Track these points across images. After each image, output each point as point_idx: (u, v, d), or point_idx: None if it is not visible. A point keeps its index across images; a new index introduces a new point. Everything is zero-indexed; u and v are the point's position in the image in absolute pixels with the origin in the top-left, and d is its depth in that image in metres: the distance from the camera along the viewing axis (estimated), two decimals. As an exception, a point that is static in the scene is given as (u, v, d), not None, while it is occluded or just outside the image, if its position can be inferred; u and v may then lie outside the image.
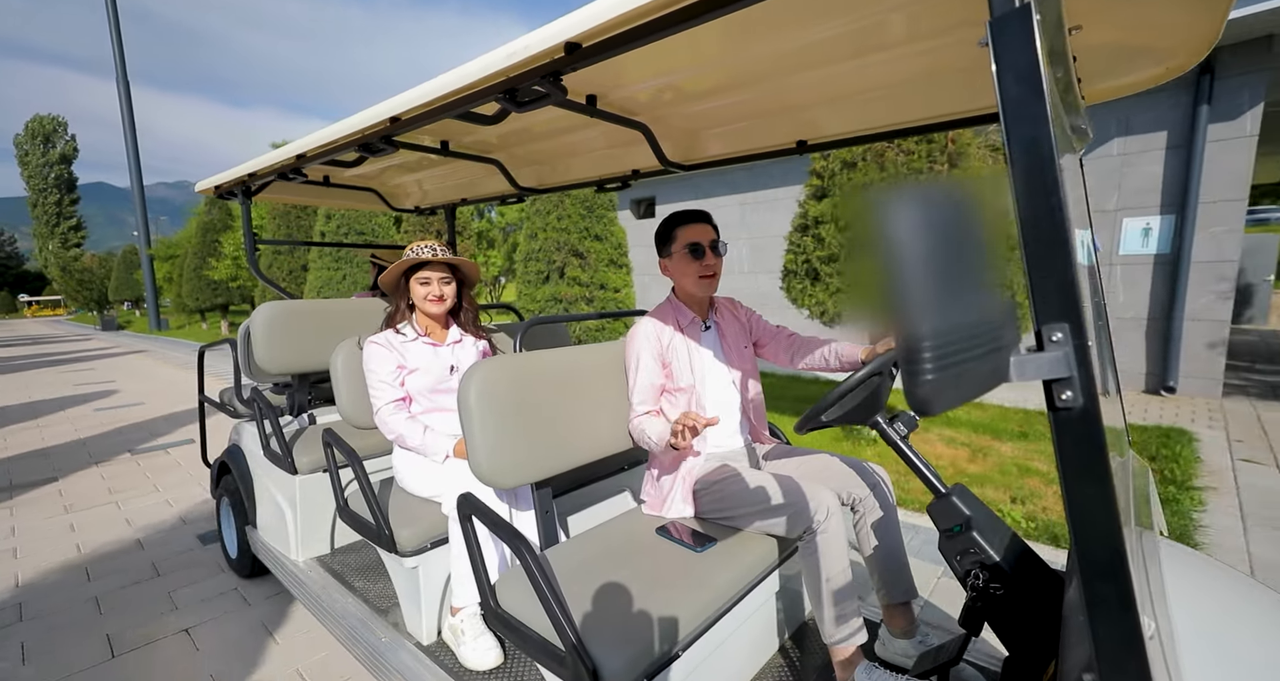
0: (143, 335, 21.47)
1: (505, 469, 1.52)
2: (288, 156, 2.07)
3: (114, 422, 6.20)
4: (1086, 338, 0.56)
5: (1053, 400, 0.58)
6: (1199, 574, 0.96)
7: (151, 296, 23.72)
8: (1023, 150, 0.58)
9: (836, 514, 1.45)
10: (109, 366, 11.66)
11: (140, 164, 23.53)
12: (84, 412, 6.80)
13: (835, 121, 1.78)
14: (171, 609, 2.52)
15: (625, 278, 7.77)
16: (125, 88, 23.49)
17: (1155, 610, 0.77)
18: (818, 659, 1.68)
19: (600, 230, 7.53)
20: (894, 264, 0.51)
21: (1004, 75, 0.59)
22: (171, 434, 5.61)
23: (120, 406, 7.11)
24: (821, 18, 1.16)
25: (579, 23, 1.02)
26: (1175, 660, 0.68)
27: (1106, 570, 0.57)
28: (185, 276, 19.20)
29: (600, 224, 7.54)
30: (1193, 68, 1.34)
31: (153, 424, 6.07)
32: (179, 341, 17.35)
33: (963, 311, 0.54)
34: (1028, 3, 0.57)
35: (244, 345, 2.72)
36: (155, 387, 8.56)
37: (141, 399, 7.57)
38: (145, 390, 8.33)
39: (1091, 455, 0.57)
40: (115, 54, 22.98)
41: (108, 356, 13.71)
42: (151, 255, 23.18)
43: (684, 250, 1.76)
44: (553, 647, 1.20)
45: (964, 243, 0.56)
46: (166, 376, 9.87)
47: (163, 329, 23.14)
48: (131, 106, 23.79)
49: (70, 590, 2.73)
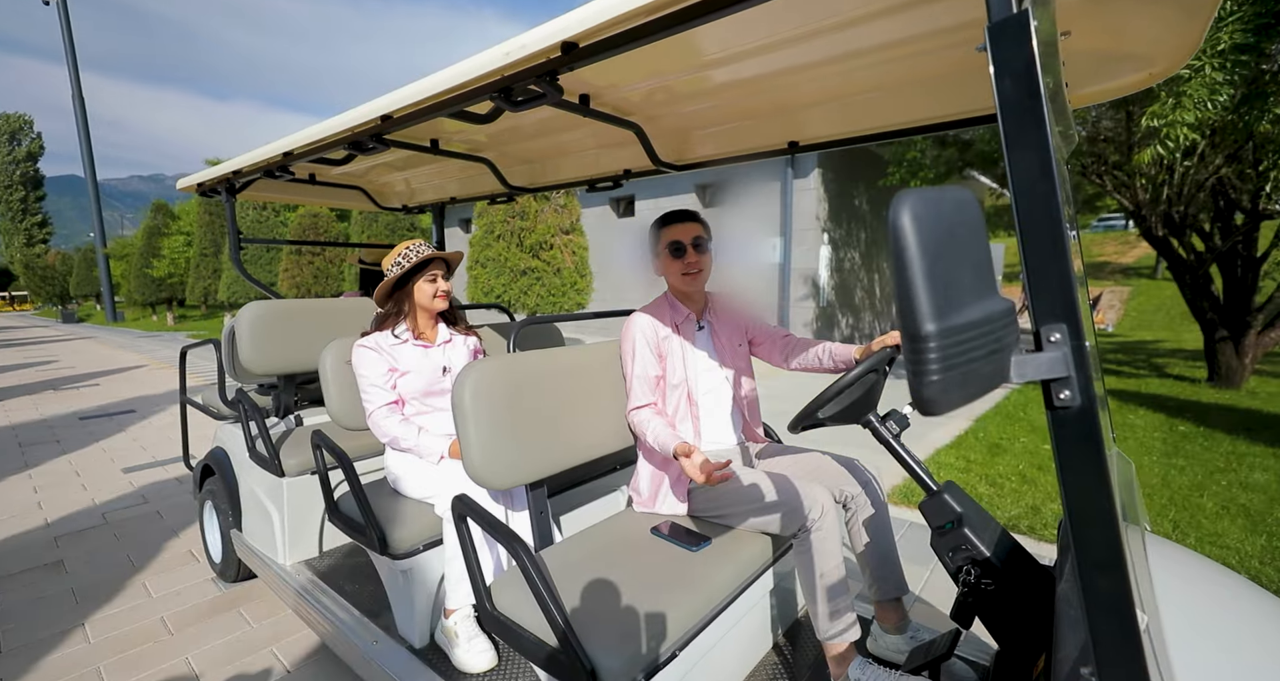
0: (99, 326, 24.76)
1: (500, 470, 1.51)
2: (274, 154, 2.04)
3: (48, 376, 9.90)
4: (1084, 338, 0.58)
5: (1051, 399, 0.59)
6: (1185, 568, 0.99)
7: (108, 292, 26.74)
8: (1022, 154, 0.59)
9: (831, 511, 1.47)
10: (58, 348, 15.25)
11: (95, 167, 26.07)
12: (29, 373, 10.37)
13: (827, 123, 1.80)
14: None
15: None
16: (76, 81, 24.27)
17: (1145, 604, 0.79)
18: (811, 655, 1.69)
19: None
20: (901, 265, 0.52)
21: (1002, 79, 0.60)
22: (86, 379, 9.33)
23: (55, 367, 11.15)
24: (815, 22, 1.17)
25: (576, 22, 1.02)
26: (1165, 653, 0.70)
27: (1105, 565, 0.58)
28: (133, 274, 23.00)
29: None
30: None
31: (77, 377, 9.75)
32: (126, 330, 21.17)
33: (966, 313, 0.55)
34: (1025, 8, 0.58)
35: (228, 345, 2.67)
36: (87, 359, 12.33)
37: (73, 365, 11.41)
38: (78, 360, 12.19)
39: (1090, 453, 0.58)
40: (65, 45, 23.54)
41: (60, 341, 17.15)
42: (107, 255, 26.30)
43: (666, 249, 1.78)
44: (549, 649, 1.19)
45: (967, 245, 0.57)
46: (100, 352, 13.70)
47: (119, 321, 26.43)
48: (83, 101, 25.10)
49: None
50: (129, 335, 18.69)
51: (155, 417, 6.32)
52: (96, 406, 7.02)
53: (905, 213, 0.52)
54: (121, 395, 7.80)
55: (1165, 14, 1.01)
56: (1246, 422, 5.26)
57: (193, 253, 19.50)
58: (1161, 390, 6.82)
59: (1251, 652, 0.77)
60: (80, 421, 6.20)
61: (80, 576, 2.78)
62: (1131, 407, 5.96)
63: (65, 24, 24.52)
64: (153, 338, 17.43)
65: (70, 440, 5.39)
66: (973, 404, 1.68)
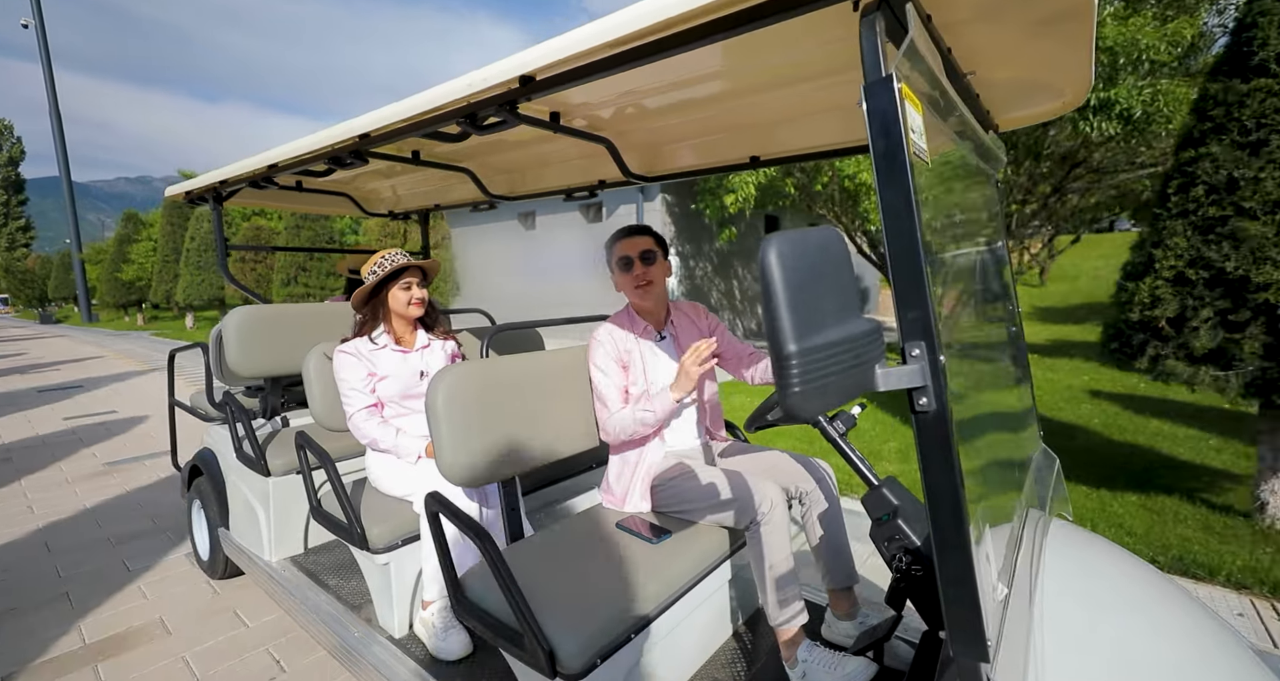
0: (74, 326, 27.08)
1: (470, 468, 1.60)
2: (260, 165, 2.12)
3: (17, 364, 12.19)
4: (939, 353, 0.68)
5: (913, 405, 0.70)
6: (1080, 548, 1.10)
7: (84, 295, 28.69)
8: (889, 193, 0.70)
9: (780, 506, 1.57)
10: (31, 344, 17.40)
11: (70, 176, 27.86)
12: (3, 363, 12.66)
13: (783, 140, 1.90)
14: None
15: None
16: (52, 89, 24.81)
17: (1027, 573, 0.90)
18: (768, 641, 1.80)
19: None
20: (768, 297, 0.62)
21: (874, 131, 0.70)
22: (49, 367, 11.55)
23: (25, 358, 13.40)
24: (756, 56, 1.27)
25: (532, 59, 1.11)
26: (1034, 614, 0.81)
27: (953, 544, 0.68)
28: (104, 278, 25.11)
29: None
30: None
31: (42, 364, 12.00)
32: (98, 330, 23.38)
33: (826, 334, 0.65)
34: (890, 73, 0.69)
35: (216, 349, 2.75)
36: (54, 352, 14.60)
37: (41, 356, 13.75)
38: (46, 353, 14.58)
39: (944, 449, 0.69)
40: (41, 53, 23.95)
41: (34, 339, 19.52)
42: (83, 260, 28.57)
43: (617, 264, 1.85)
44: (514, 634, 1.29)
45: (831, 278, 0.67)
46: (68, 347, 16.01)
47: (94, 321, 28.45)
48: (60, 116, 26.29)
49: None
50: (99, 334, 20.83)
51: (97, 391, 8.48)
52: (53, 384, 9.25)
53: (771, 252, 0.62)
54: (75, 376, 10.02)
55: (1054, 51, 1.12)
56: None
57: (157, 258, 21.46)
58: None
59: (1117, 615, 0.89)
60: (39, 393, 8.36)
61: (19, 464, 4.84)
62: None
63: (40, 30, 24.78)
64: (120, 336, 19.58)
65: (28, 403, 7.63)
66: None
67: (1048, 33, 1.03)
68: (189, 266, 17.68)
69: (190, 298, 18.18)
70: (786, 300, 0.61)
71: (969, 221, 1.23)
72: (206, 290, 17.34)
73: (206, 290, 17.34)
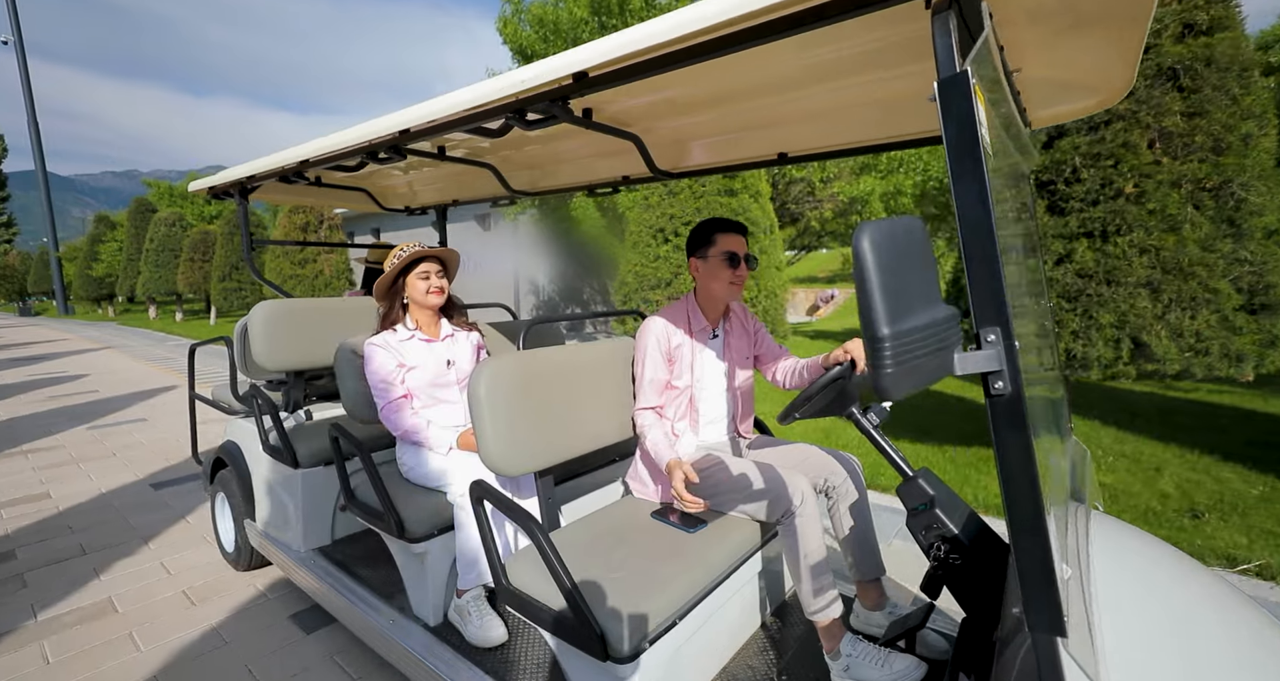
0: (51, 318, 29.28)
1: (512, 458, 1.63)
2: (291, 160, 2.14)
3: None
4: (1014, 339, 0.71)
5: (988, 389, 0.72)
6: (1122, 539, 1.13)
7: (60, 289, 31.62)
8: (964, 186, 0.72)
9: (811, 499, 1.61)
10: (6, 331, 20.27)
11: (47, 177, 29.37)
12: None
13: (813, 136, 1.92)
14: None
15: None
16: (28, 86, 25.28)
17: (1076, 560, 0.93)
18: (798, 632, 1.83)
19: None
20: (861, 281, 0.64)
21: (949, 126, 0.73)
22: (22, 346, 14.27)
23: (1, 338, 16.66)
24: (801, 53, 1.29)
25: (588, 57, 1.14)
26: (1090, 596, 0.84)
27: (1030, 523, 0.71)
28: (78, 274, 28.08)
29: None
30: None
31: (15, 344, 14.95)
32: (73, 321, 25.61)
33: (914, 318, 0.68)
34: (965, 69, 0.71)
35: (240, 343, 2.77)
36: (26, 337, 17.32)
37: (15, 340, 16.34)
38: (23, 336, 17.36)
39: (1020, 430, 0.71)
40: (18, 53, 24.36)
41: (10, 328, 22.05)
42: (60, 257, 31.69)
43: (722, 256, 1.85)
44: (563, 618, 1.32)
45: (916, 264, 0.69)
46: (39, 332, 19.19)
47: (70, 314, 30.68)
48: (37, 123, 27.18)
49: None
50: (73, 324, 23.61)
51: (56, 361, 11.35)
52: (21, 356, 12.07)
53: (865, 240, 0.65)
54: (40, 352, 12.94)
55: (1102, 51, 1.14)
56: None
57: (123, 257, 24.11)
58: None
59: (1169, 601, 0.92)
60: (10, 361, 11.31)
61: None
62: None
63: (15, 24, 25.04)
64: (91, 326, 22.07)
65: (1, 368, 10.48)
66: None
67: (1101, 33, 1.06)
68: (148, 264, 21.12)
69: (149, 290, 21.46)
70: (880, 285, 0.64)
71: (1013, 215, 1.26)
72: (163, 284, 21.07)
73: (163, 284, 21.07)
